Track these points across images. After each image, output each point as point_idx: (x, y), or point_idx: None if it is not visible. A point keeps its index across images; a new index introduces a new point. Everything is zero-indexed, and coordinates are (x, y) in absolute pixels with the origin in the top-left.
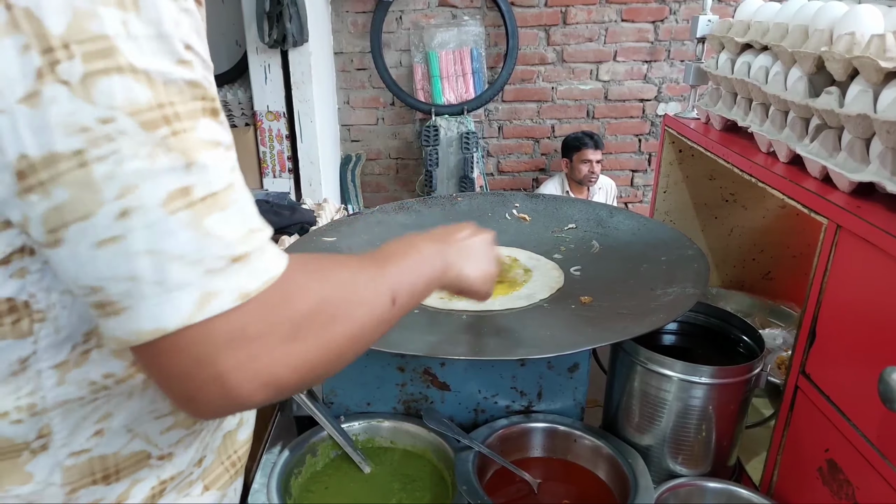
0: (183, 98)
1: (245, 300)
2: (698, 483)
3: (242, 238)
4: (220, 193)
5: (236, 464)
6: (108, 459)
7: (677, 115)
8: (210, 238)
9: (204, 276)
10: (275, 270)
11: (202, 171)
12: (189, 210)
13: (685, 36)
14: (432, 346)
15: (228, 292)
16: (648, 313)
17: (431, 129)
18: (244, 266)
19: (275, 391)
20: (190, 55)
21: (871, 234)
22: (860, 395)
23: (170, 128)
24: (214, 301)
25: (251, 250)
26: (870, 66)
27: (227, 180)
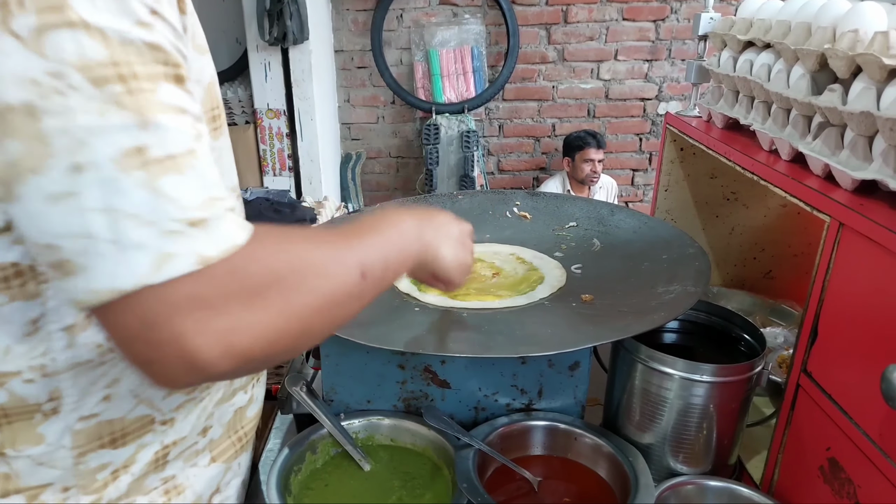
0: (143, 59)
1: (204, 265)
2: (699, 482)
3: (201, 204)
4: (178, 157)
5: (242, 439)
6: (115, 423)
7: (679, 114)
8: (166, 199)
9: (160, 237)
10: (236, 239)
11: (159, 131)
12: (143, 170)
13: (686, 35)
14: (433, 344)
15: (186, 256)
16: (649, 311)
17: (432, 127)
18: (203, 231)
19: (240, 360)
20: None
21: (873, 231)
22: (862, 393)
23: (124, 86)
24: (172, 263)
25: (210, 216)
26: (873, 64)
27: (188, 146)
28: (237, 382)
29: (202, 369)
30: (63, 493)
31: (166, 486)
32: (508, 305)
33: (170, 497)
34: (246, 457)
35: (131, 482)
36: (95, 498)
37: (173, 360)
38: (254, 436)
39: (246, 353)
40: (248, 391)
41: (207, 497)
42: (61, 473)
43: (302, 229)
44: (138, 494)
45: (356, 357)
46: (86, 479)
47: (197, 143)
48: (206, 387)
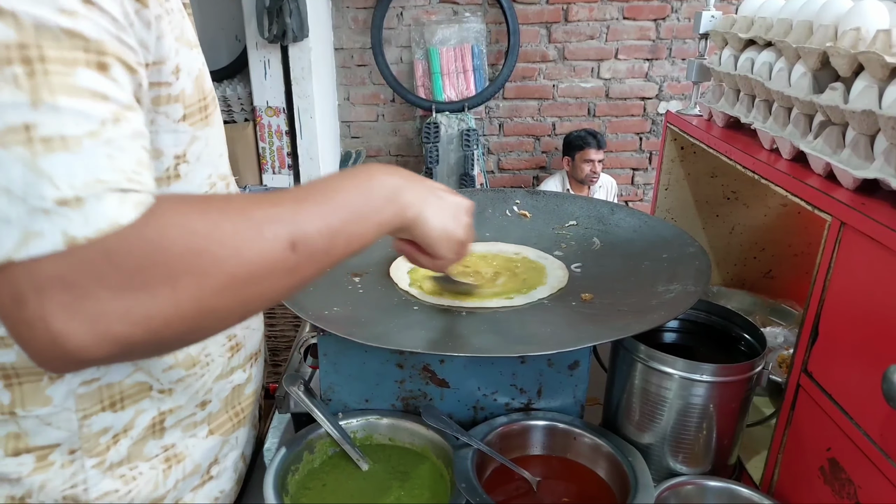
0: (58, 45)
1: (69, 246)
2: (699, 482)
3: (83, 184)
4: (71, 138)
5: (240, 414)
6: (114, 387)
7: (679, 112)
8: (41, 177)
9: (27, 214)
10: (117, 220)
11: (53, 112)
12: (24, 147)
13: (687, 34)
14: (431, 343)
15: (53, 235)
16: (649, 311)
17: (432, 126)
18: (75, 212)
19: (118, 345)
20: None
21: (875, 231)
22: (863, 393)
23: (27, 67)
24: (37, 241)
25: (87, 196)
26: (875, 62)
27: (90, 128)
28: (235, 361)
29: (73, 353)
30: (70, 455)
31: (167, 454)
32: (508, 305)
33: (170, 464)
34: (244, 431)
35: (130, 446)
36: (99, 460)
37: (42, 342)
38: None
39: (124, 339)
40: (247, 370)
41: (206, 467)
42: (67, 435)
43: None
44: (140, 460)
45: (354, 356)
46: (90, 442)
47: (106, 127)
48: (204, 363)
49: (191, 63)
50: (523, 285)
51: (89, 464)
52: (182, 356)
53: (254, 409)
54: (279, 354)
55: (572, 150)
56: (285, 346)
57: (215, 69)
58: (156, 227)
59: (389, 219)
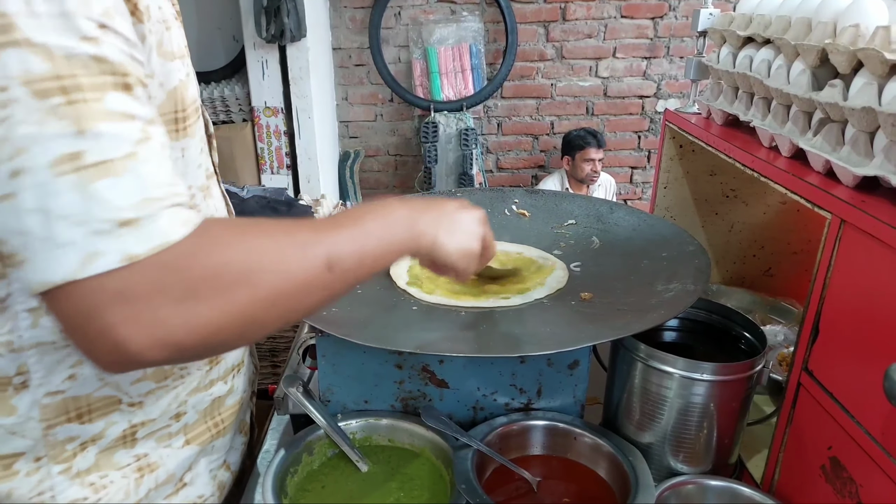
0: (88, 71)
1: (130, 262)
2: (699, 481)
3: (134, 204)
4: (115, 161)
5: (220, 424)
6: (81, 400)
7: (678, 111)
8: (96, 201)
9: (89, 236)
10: (169, 237)
11: (96, 138)
12: (76, 174)
13: (685, 32)
14: (431, 343)
15: (113, 253)
16: (649, 310)
17: (430, 125)
18: (132, 231)
19: (173, 350)
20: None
21: (875, 228)
22: (864, 391)
23: (65, 97)
24: (99, 260)
25: (142, 216)
26: (875, 59)
27: (127, 150)
28: (214, 373)
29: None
30: (35, 463)
31: (139, 464)
32: (507, 305)
33: (142, 473)
34: (224, 440)
35: (98, 453)
36: (65, 467)
37: (106, 349)
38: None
39: (180, 344)
40: (228, 382)
41: (180, 475)
42: (32, 444)
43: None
44: (110, 469)
45: (353, 357)
46: (55, 449)
47: (140, 147)
48: (178, 376)
49: (167, 75)
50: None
51: (55, 470)
52: (153, 370)
53: (238, 418)
54: (278, 355)
55: (572, 150)
56: (284, 346)
57: (213, 69)
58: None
59: (407, 245)
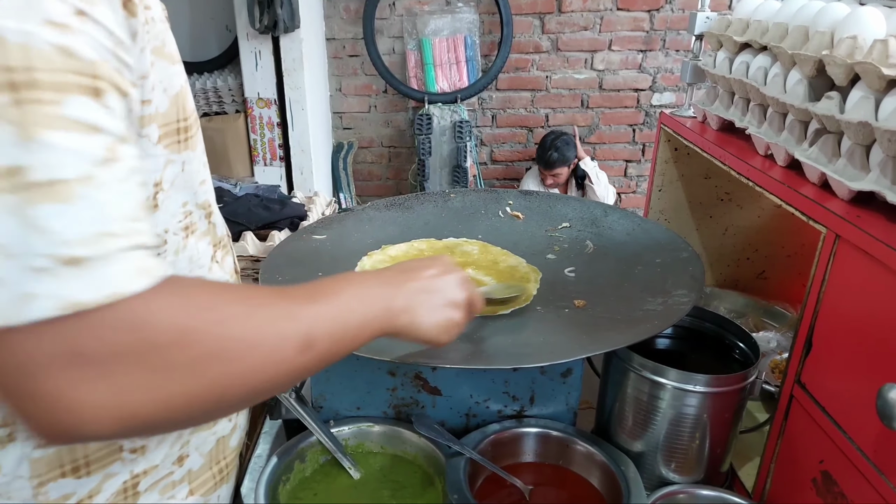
0: (48, 65)
1: (73, 311)
2: (691, 490)
3: (85, 239)
4: (66, 183)
5: (224, 470)
6: (78, 451)
7: (673, 113)
8: (36, 231)
9: (24, 273)
10: (124, 287)
11: (45, 150)
12: (15, 193)
13: (681, 25)
14: (423, 353)
15: (52, 298)
16: (643, 320)
17: (424, 117)
18: (80, 271)
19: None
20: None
21: (870, 245)
22: (856, 407)
23: (12, 95)
24: (32, 304)
25: (93, 255)
26: (872, 73)
27: (84, 170)
28: None
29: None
30: None
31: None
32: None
33: None
34: (226, 489)
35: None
36: None
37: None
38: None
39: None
40: (232, 419)
41: None
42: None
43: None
44: None
45: (346, 363)
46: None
47: (102, 169)
48: None
49: (170, 79)
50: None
51: None
52: None
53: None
54: None
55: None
56: None
57: (206, 60)
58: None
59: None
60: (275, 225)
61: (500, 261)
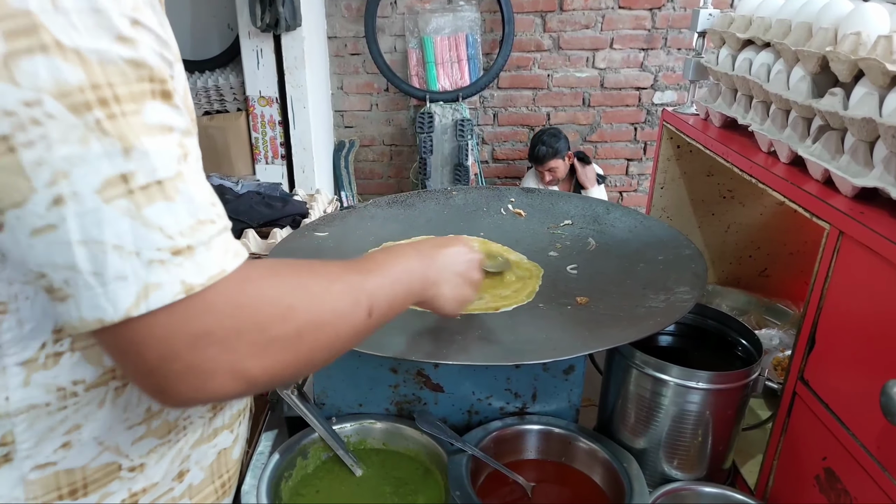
0: (125, 79)
1: (189, 294)
2: (693, 487)
3: (188, 230)
4: (165, 182)
5: (226, 484)
6: (76, 473)
7: (676, 111)
8: (150, 228)
9: (144, 267)
10: (224, 266)
11: (144, 157)
12: (127, 198)
13: (682, 24)
14: (425, 349)
15: (171, 285)
16: (645, 317)
17: (426, 115)
18: (188, 259)
19: (247, 385)
20: (135, 32)
21: (874, 241)
22: (860, 404)
23: (105, 111)
24: (156, 293)
25: (195, 243)
26: (876, 69)
27: (175, 169)
28: (218, 422)
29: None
30: None
31: None
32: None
33: None
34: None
35: None
36: None
37: (185, 387)
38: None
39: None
40: (234, 430)
41: None
42: None
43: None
44: None
45: (348, 360)
46: None
47: (184, 165)
48: (181, 427)
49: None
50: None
51: None
52: (157, 423)
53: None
54: None
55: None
56: None
57: (207, 58)
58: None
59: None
60: (276, 222)
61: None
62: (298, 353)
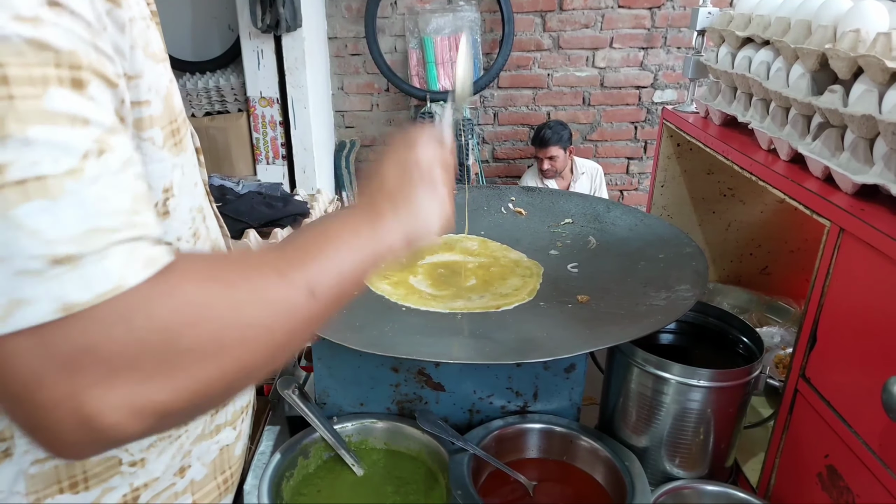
0: (22, 60)
1: (68, 313)
2: (695, 486)
3: (75, 237)
4: (51, 178)
5: (228, 480)
6: (76, 467)
7: (676, 109)
8: (21, 231)
9: (14, 278)
10: (122, 280)
11: (25, 147)
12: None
13: (682, 23)
14: (428, 349)
15: (45, 301)
16: (646, 315)
17: (426, 115)
18: (72, 270)
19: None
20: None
21: (874, 238)
22: (861, 401)
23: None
24: (26, 309)
25: (84, 252)
26: (875, 66)
27: (69, 165)
28: (221, 418)
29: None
30: None
31: None
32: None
33: None
34: (229, 497)
35: None
36: None
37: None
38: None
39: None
40: (237, 426)
41: None
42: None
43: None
44: None
45: (349, 360)
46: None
47: (89, 162)
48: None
49: (157, 79)
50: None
51: None
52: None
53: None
54: None
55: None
56: None
57: (208, 59)
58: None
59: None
60: (278, 222)
61: (501, 256)
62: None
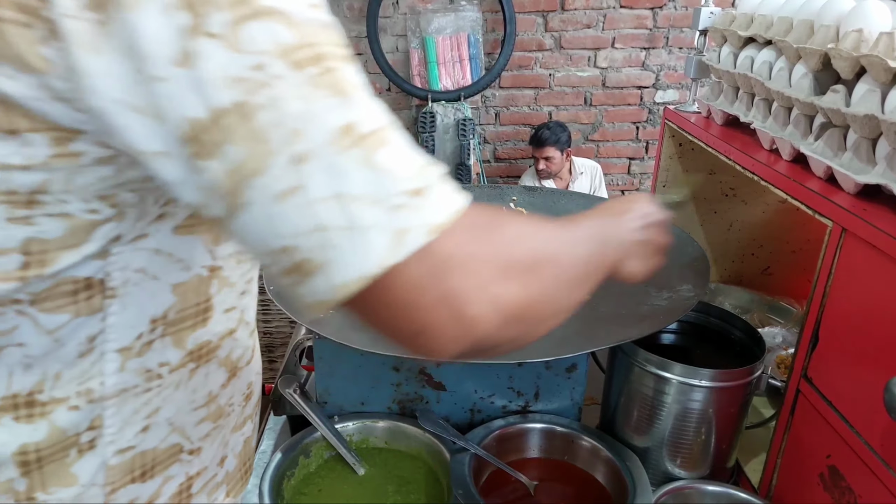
0: (326, 39)
1: (438, 232)
2: (697, 486)
3: (416, 173)
4: (384, 129)
5: (246, 475)
6: (147, 455)
7: (677, 109)
8: (385, 174)
9: (389, 213)
10: (459, 203)
11: (360, 107)
12: (358, 147)
13: (684, 23)
14: None
15: (419, 227)
16: (648, 315)
17: (428, 115)
18: (425, 200)
19: (497, 313)
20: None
21: (877, 238)
22: (864, 402)
23: (319, 66)
24: (408, 237)
25: (426, 185)
26: (878, 66)
27: (385, 119)
28: (248, 409)
29: (472, 324)
30: None
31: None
32: None
33: None
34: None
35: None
36: None
37: (449, 321)
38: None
39: (511, 315)
40: (254, 420)
41: None
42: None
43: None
44: None
45: (350, 359)
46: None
47: (389, 117)
48: (227, 413)
49: None
50: None
51: None
52: (214, 408)
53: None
54: (274, 351)
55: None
56: (281, 342)
57: None
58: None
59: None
60: None
61: None
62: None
